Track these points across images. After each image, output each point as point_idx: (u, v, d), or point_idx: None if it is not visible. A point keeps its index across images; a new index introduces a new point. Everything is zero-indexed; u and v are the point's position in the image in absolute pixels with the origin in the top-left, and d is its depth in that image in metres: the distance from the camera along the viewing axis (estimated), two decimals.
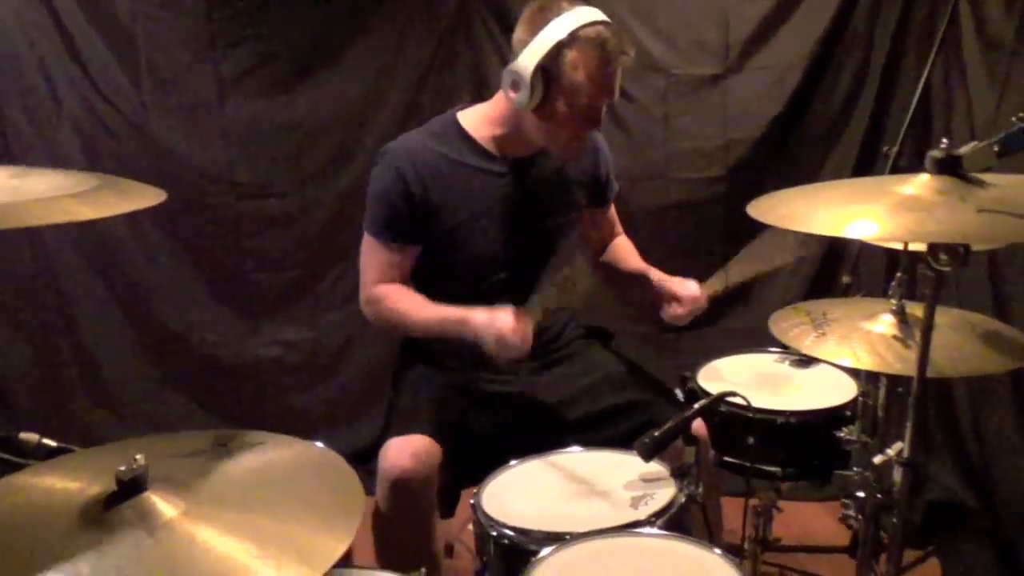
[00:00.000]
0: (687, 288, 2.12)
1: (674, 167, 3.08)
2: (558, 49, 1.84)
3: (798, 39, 3.02)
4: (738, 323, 3.13)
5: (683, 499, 1.65)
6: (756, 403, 1.99)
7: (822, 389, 2.10)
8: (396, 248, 2.01)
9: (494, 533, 1.61)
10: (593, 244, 2.34)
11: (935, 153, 1.25)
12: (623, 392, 2.05)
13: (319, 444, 1.68)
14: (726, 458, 2.07)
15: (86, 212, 1.22)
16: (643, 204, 3.10)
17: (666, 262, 2.27)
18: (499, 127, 2.02)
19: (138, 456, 1.16)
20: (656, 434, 1.69)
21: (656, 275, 2.20)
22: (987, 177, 1.28)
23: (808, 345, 1.55)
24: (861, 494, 1.59)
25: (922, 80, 2.19)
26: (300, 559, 1.11)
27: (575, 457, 1.84)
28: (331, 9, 2.94)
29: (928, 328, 1.23)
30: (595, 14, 1.89)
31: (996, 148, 1.65)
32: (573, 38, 1.84)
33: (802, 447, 2.00)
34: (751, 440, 2.02)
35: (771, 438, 2.00)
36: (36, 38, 2.85)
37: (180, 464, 1.31)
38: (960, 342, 1.50)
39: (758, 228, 3.14)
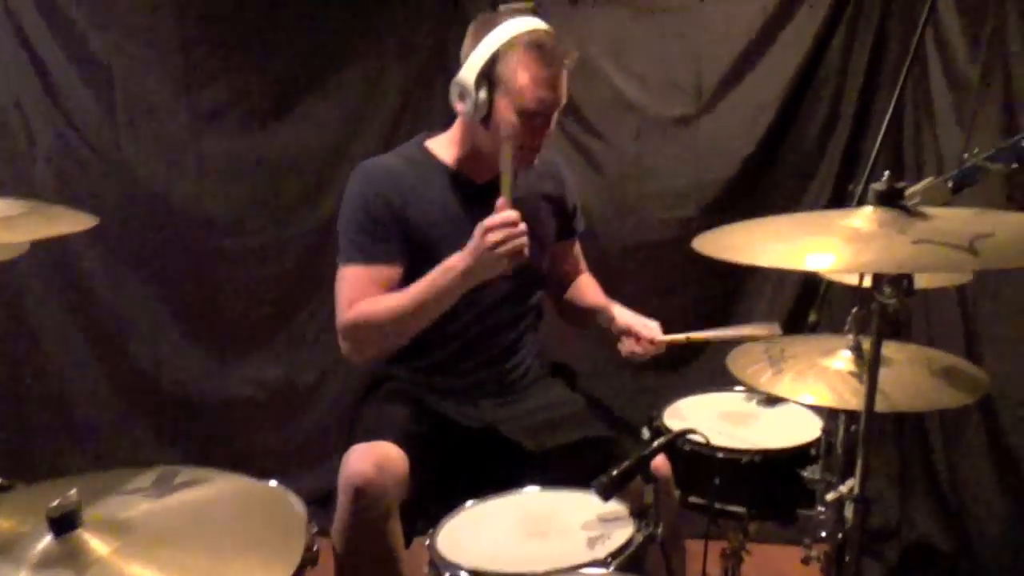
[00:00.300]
0: (647, 329, 2.11)
1: (646, 206, 3.09)
2: (498, 55, 1.87)
3: (770, 80, 3.05)
4: (711, 365, 3.12)
5: (641, 539, 1.63)
6: (721, 442, 1.99)
7: (787, 428, 2.08)
8: (378, 267, 1.95)
9: (448, 575, 1.58)
10: (558, 280, 2.33)
11: (877, 186, 1.26)
12: (585, 429, 2.03)
13: (273, 483, 1.66)
14: (691, 498, 2.04)
15: (6, 236, 1.22)
16: (616, 243, 3.11)
17: (638, 302, 2.27)
18: (462, 148, 2.04)
19: (71, 492, 1.14)
20: (614, 472, 1.67)
21: (619, 310, 2.20)
22: (930, 210, 1.28)
23: (764, 382, 1.54)
24: (824, 533, 1.57)
25: (886, 118, 2.20)
26: None
27: (533, 496, 1.82)
28: (308, 45, 2.96)
29: (875, 361, 1.22)
30: (535, 22, 1.92)
31: (950, 184, 1.67)
32: (512, 43, 1.87)
33: (767, 486, 1.98)
34: (716, 480, 2.00)
35: (736, 477, 1.97)
36: (10, 72, 2.86)
37: (119, 501, 1.29)
38: (916, 377, 1.50)
39: (731, 269, 3.21)
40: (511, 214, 1.82)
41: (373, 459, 1.80)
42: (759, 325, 2.11)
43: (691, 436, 1.75)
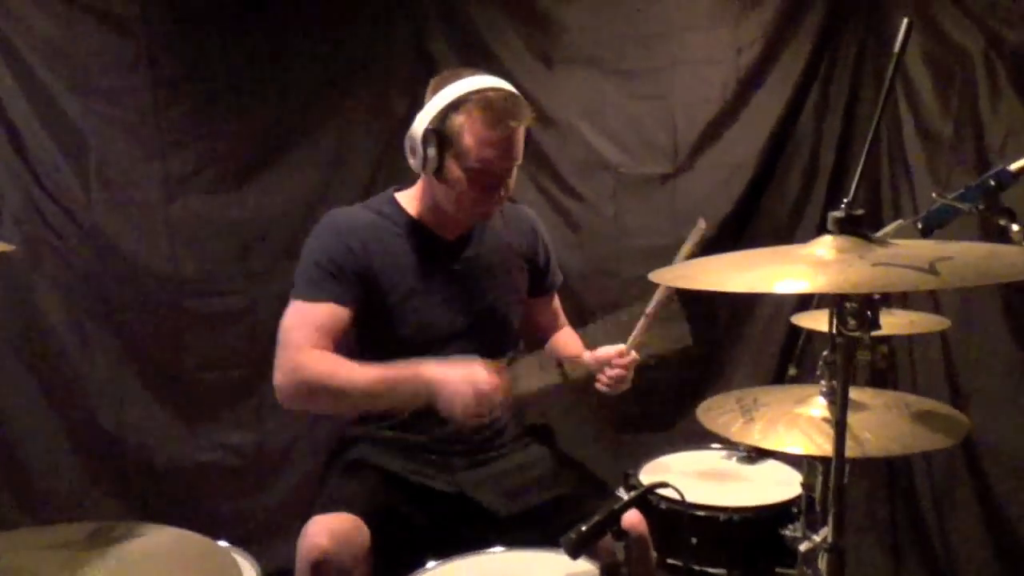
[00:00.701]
0: (611, 348, 2.03)
1: (626, 265, 3.06)
2: (447, 112, 1.85)
3: (746, 139, 3.06)
4: (696, 426, 3.05)
5: None
6: (699, 499, 1.92)
7: (768, 485, 2.02)
8: (330, 308, 1.88)
9: None
10: (535, 335, 2.28)
11: (836, 213, 1.22)
12: (557, 488, 1.95)
13: (224, 543, 1.59)
14: (669, 560, 1.96)
15: None
16: (594, 303, 3.07)
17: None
18: (423, 203, 2.01)
19: None
20: (583, 528, 1.59)
21: (588, 354, 2.13)
22: (892, 240, 1.25)
23: (735, 431, 1.48)
24: None
25: (856, 176, 2.17)
26: None
27: (499, 557, 1.73)
28: (281, 107, 2.96)
29: (843, 399, 1.16)
30: (493, 81, 1.89)
31: (919, 225, 1.65)
32: (461, 101, 1.84)
33: (747, 547, 1.90)
34: (694, 540, 1.92)
35: (714, 537, 1.90)
36: None
37: (49, 557, 1.22)
38: (892, 421, 1.44)
39: (711, 334, 3.17)
40: (498, 400, 1.78)
41: (332, 532, 1.74)
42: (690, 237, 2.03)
43: (665, 491, 1.68)
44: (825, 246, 1.22)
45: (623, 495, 2.03)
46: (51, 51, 2.80)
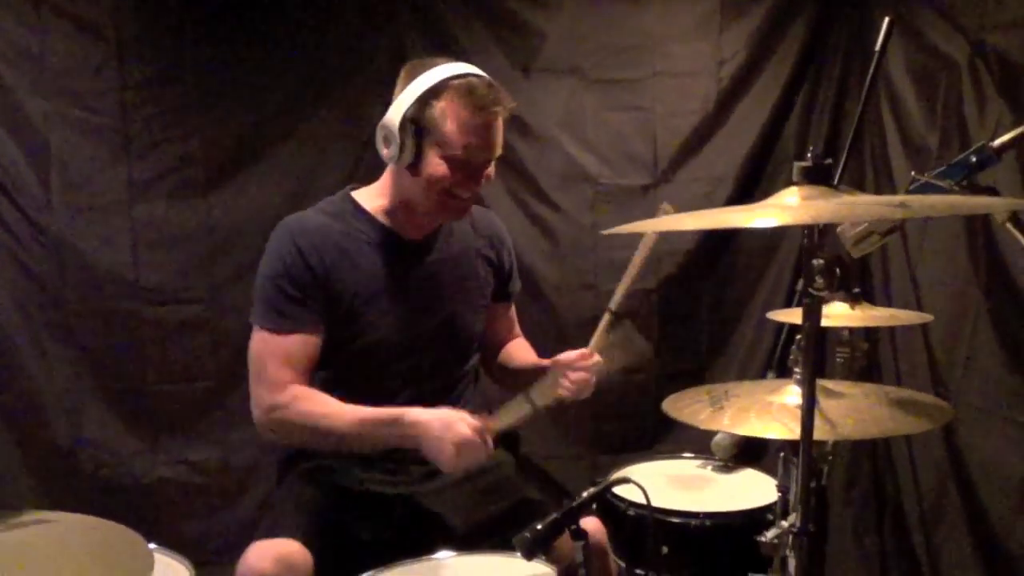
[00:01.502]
0: (573, 352, 1.91)
1: (604, 278, 2.97)
2: (426, 99, 1.76)
3: (728, 151, 3.01)
4: (677, 447, 2.94)
5: None
6: (670, 505, 1.81)
7: (743, 492, 1.90)
8: (298, 337, 1.80)
9: None
10: (489, 343, 2.16)
11: (802, 163, 1.14)
12: (518, 495, 1.84)
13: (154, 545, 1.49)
14: (638, 570, 1.84)
15: None
16: (573, 316, 2.99)
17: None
18: (390, 200, 1.91)
19: None
20: (538, 527, 1.48)
21: (544, 362, 2.01)
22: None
23: (703, 419, 1.38)
24: None
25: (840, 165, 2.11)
26: None
27: (451, 562, 1.61)
28: (253, 113, 2.88)
29: (810, 362, 1.06)
30: (471, 68, 1.82)
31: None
32: (441, 87, 1.76)
33: (720, 555, 1.78)
34: (664, 548, 1.80)
35: (685, 545, 1.79)
36: None
37: None
38: (870, 407, 1.34)
39: (691, 345, 3.08)
40: (486, 450, 1.69)
41: (273, 558, 1.64)
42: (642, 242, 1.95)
43: (632, 495, 1.58)
44: (792, 195, 1.14)
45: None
46: (15, 52, 2.73)
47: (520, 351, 2.14)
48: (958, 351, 2.48)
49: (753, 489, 1.91)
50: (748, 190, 3.03)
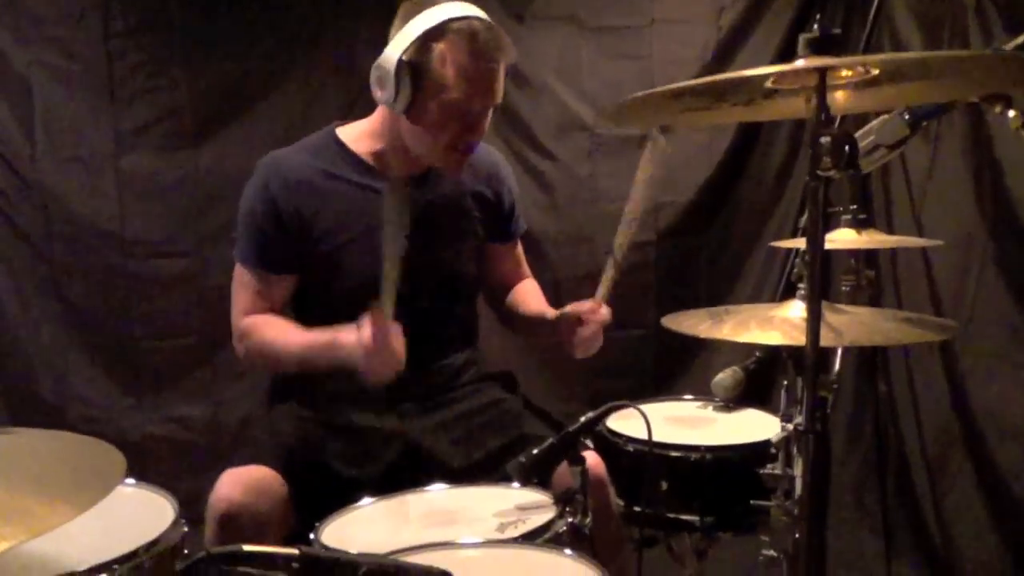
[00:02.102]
0: (583, 304, 1.86)
1: (601, 230, 2.90)
2: (425, 41, 1.66)
3: None
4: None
5: (564, 527, 1.36)
6: (670, 440, 1.75)
7: (745, 428, 1.84)
8: (266, 278, 1.79)
9: None
10: (495, 285, 2.10)
11: (808, 35, 1.07)
12: (517, 429, 1.78)
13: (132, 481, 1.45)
14: (637, 508, 1.77)
15: None
16: (569, 270, 2.93)
17: None
18: (380, 141, 1.82)
19: None
20: (534, 451, 1.43)
21: (554, 312, 1.94)
22: None
23: (702, 330, 1.32)
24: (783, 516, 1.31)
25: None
26: (10, 522, 0.86)
27: (443, 494, 1.55)
28: (241, 61, 2.83)
29: (816, 244, 1.00)
30: (470, 9, 1.72)
31: (906, 116, 1.50)
32: (441, 30, 1.66)
33: (721, 490, 1.72)
34: (664, 484, 1.74)
35: (686, 480, 1.73)
36: None
37: None
38: (876, 322, 1.29)
39: (690, 299, 3.02)
40: (395, 354, 1.60)
41: (244, 484, 1.58)
42: (646, 157, 1.86)
43: (629, 430, 1.52)
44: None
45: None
46: None
47: (528, 296, 2.07)
48: (964, 296, 2.42)
49: (755, 426, 1.85)
50: (748, 140, 2.96)
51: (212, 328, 2.86)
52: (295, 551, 0.79)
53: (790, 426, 1.16)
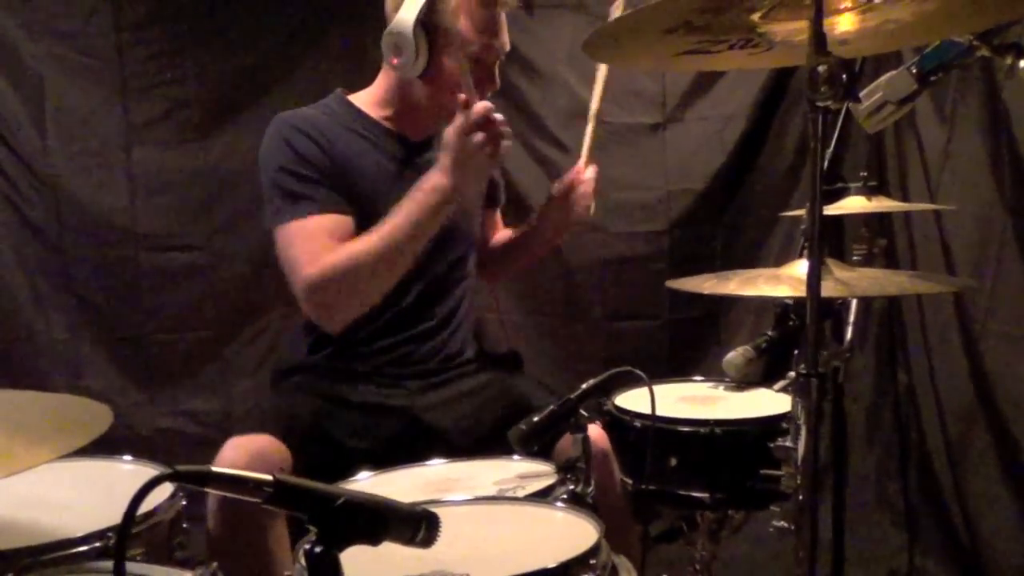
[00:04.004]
0: (567, 175, 1.94)
1: (612, 220, 2.88)
2: (435, 1, 1.69)
3: (739, 89, 2.90)
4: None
5: (564, 495, 1.33)
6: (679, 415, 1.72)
7: (756, 405, 1.80)
8: (323, 217, 1.68)
9: None
10: (482, 248, 2.09)
11: None
12: (519, 406, 1.74)
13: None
14: (644, 486, 1.73)
15: None
16: (581, 259, 2.89)
17: (605, 325, 2.05)
18: (387, 107, 1.85)
19: None
20: (534, 419, 1.40)
21: (554, 187, 1.98)
22: None
23: (707, 286, 1.29)
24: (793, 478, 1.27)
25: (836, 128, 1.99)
26: None
27: (444, 466, 1.53)
28: (251, 53, 2.83)
29: (819, 175, 0.97)
30: None
31: (914, 70, 1.46)
32: None
33: (731, 465, 1.67)
34: (673, 461, 1.70)
35: (695, 455, 1.68)
36: None
37: None
38: (886, 276, 1.25)
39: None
40: (485, 105, 1.60)
41: (248, 452, 1.57)
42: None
43: (636, 406, 1.49)
44: None
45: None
46: None
47: (504, 236, 2.12)
48: (984, 278, 2.36)
49: (766, 403, 1.81)
50: (760, 129, 2.92)
51: (222, 323, 2.86)
52: (269, 477, 0.76)
53: (793, 374, 1.12)
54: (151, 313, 2.84)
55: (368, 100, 1.88)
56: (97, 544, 1.27)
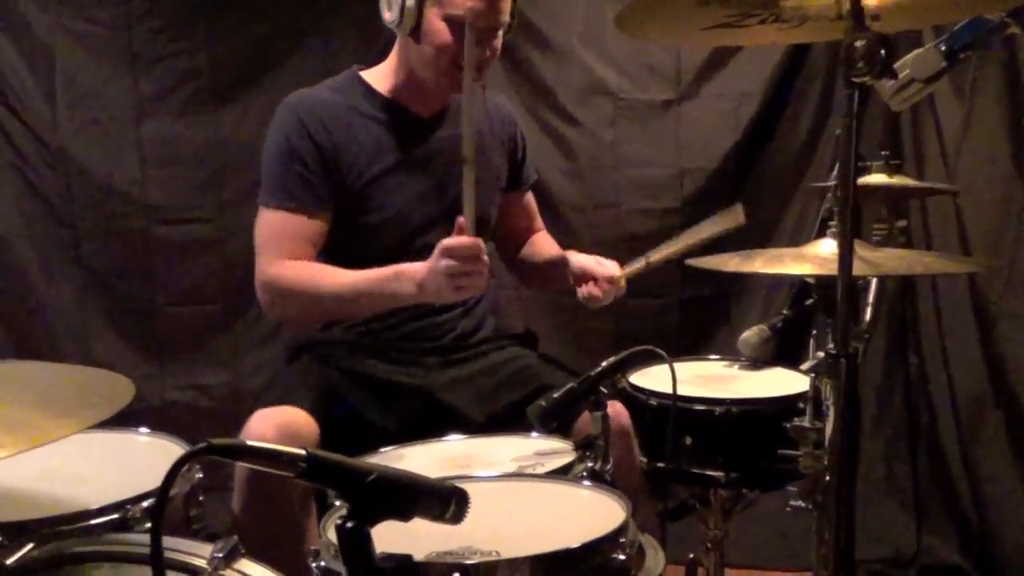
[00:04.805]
0: (604, 267, 1.87)
1: (625, 197, 2.86)
2: None
3: (754, 67, 2.86)
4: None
5: (583, 471, 1.33)
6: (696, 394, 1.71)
7: (771, 385, 1.79)
8: (305, 215, 1.74)
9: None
10: (511, 237, 2.08)
11: None
12: (538, 380, 1.74)
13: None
14: (660, 464, 1.73)
15: None
16: (591, 237, 2.87)
17: (617, 303, 2.04)
18: (398, 76, 1.84)
19: None
20: (554, 395, 1.39)
21: (575, 257, 1.94)
22: None
23: (732, 264, 1.28)
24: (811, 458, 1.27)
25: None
26: (11, 432, 0.84)
27: (462, 443, 1.52)
28: (264, 25, 2.79)
29: (850, 155, 0.95)
30: None
31: (943, 48, 1.44)
32: None
33: (746, 444, 1.67)
34: (688, 440, 1.70)
35: (710, 434, 1.68)
36: None
37: None
38: (909, 255, 1.24)
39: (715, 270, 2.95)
40: (472, 244, 1.57)
41: (276, 424, 1.57)
42: (721, 216, 1.83)
43: (653, 384, 1.48)
44: None
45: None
46: None
47: (544, 245, 2.08)
48: (1001, 260, 2.35)
49: (782, 382, 1.80)
50: (775, 108, 2.89)
51: (232, 296, 2.84)
52: (302, 452, 0.76)
53: (821, 353, 1.11)
54: (161, 286, 2.83)
55: (379, 75, 1.88)
56: (114, 516, 1.27)
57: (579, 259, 1.93)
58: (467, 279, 1.56)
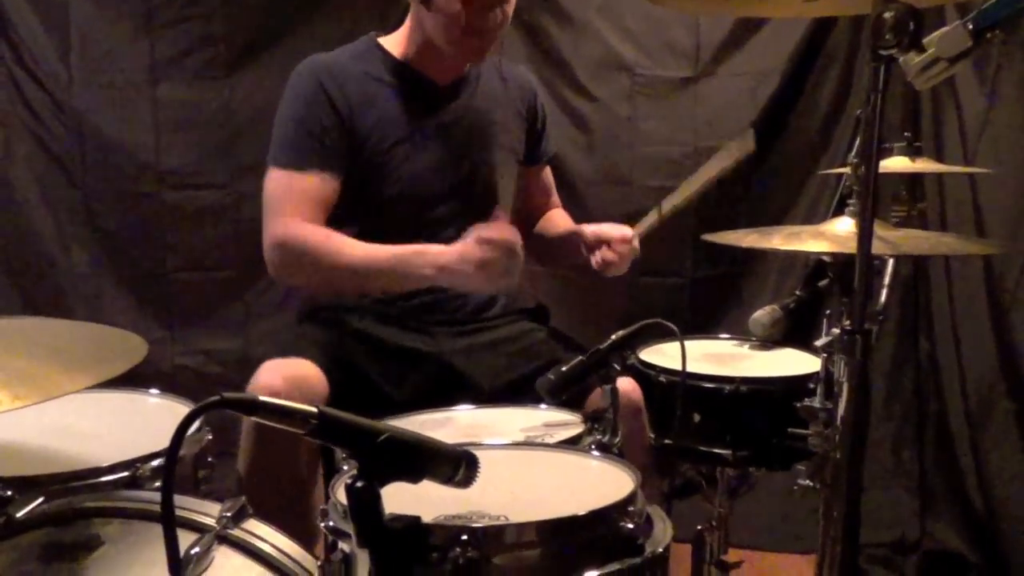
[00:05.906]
0: (618, 229, 1.83)
1: (640, 173, 2.85)
2: None
3: (774, 46, 2.83)
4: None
5: (591, 443, 1.33)
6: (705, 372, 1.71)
7: (782, 364, 1.79)
8: (318, 177, 1.72)
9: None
10: (526, 211, 2.06)
11: None
12: (549, 355, 1.74)
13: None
14: (668, 441, 1.73)
15: None
16: (607, 212, 2.81)
17: (629, 282, 2.04)
18: (415, 41, 1.82)
19: None
20: (563, 369, 1.39)
21: (588, 227, 1.92)
22: None
23: (748, 240, 1.27)
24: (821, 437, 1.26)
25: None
26: (26, 384, 0.84)
27: (471, 413, 1.52)
28: None
29: (874, 133, 0.94)
30: None
31: (970, 26, 1.41)
32: None
33: (755, 423, 1.67)
34: (697, 418, 1.70)
35: (719, 412, 1.67)
36: None
37: None
38: (927, 236, 1.23)
39: (727, 250, 2.94)
40: (512, 237, 1.56)
41: (285, 375, 1.56)
42: (728, 148, 1.81)
43: (662, 360, 1.47)
44: None
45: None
46: None
47: (560, 221, 2.06)
48: (1018, 244, 2.33)
49: (793, 362, 1.80)
50: (795, 87, 2.86)
51: (244, 262, 2.84)
52: (314, 409, 0.76)
53: (836, 331, 1.10)
54: (173, 250, 2.84)
55: (396, 41, 1.86)
56: (124, 473, 1.28)
57: (591, 226, 1.91)
58: (500, 272, 1.55)
